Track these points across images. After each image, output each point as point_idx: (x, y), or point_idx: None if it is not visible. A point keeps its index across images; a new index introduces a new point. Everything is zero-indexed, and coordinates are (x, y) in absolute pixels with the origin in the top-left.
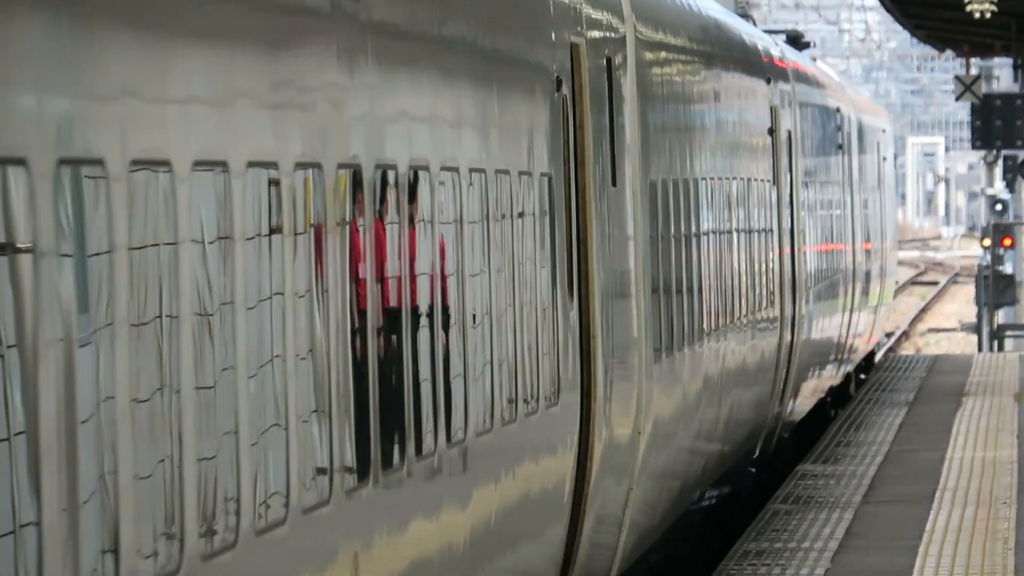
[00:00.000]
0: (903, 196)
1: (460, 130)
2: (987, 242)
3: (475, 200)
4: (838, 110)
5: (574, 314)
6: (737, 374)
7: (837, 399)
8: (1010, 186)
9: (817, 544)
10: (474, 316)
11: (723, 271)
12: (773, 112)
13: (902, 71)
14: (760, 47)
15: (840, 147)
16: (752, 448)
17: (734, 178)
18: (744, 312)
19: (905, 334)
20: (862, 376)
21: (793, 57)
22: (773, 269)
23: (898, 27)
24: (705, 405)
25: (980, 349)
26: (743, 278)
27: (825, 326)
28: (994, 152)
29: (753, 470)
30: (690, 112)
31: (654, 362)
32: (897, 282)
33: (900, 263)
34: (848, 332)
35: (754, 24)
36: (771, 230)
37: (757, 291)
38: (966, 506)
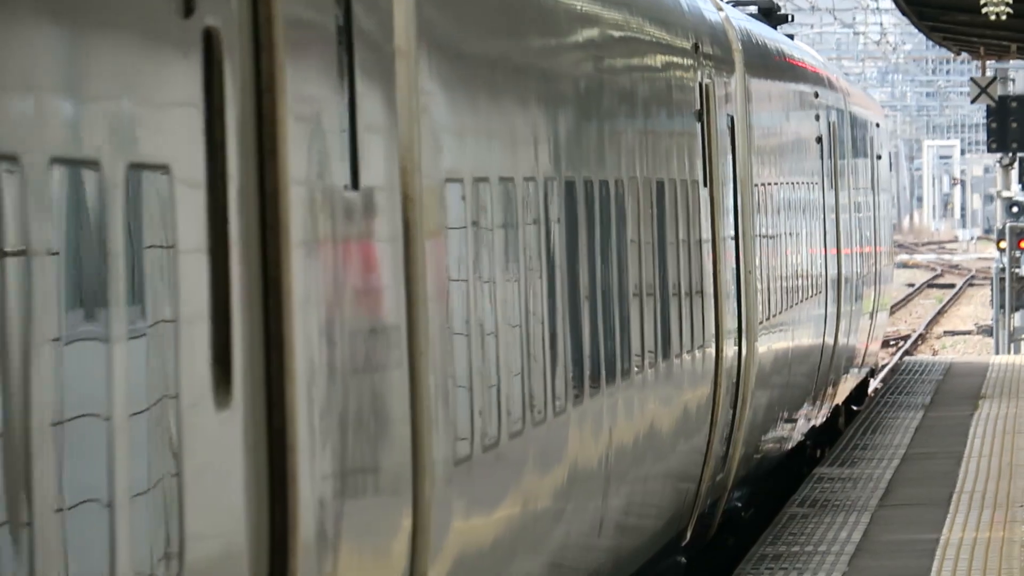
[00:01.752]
0: (919, 199)
1: None
2: (1003, 245)
3: None
4: (816, 95)
5: (236, 416)
6: (642, 445)
7: (821, 438)
8: None
9: (834, 548)
10: None
11: (613, 303)
12: (704, 92)
13: (918, 74)
14: (684, 2)
15: (818, 140)
16: (680, 533)
17: (631, 177)
18: (653, 355)
19: (921, 337)
20: (854, 407)
21: (748, 26)
22: (704, 291)
23: (913, 30)
24: (576, 503)
25: (997, 352)
26: (650, 308)
27: (794, 355)
28: (1010, 154)
29: (683, 560)
30: (547, 81)
31: (457, 463)
32: (912, 285)
33: (916, 266)
34: (830, 358)
35: None
36: (703, 240)
37: (676, 321)
38: (983, 509)
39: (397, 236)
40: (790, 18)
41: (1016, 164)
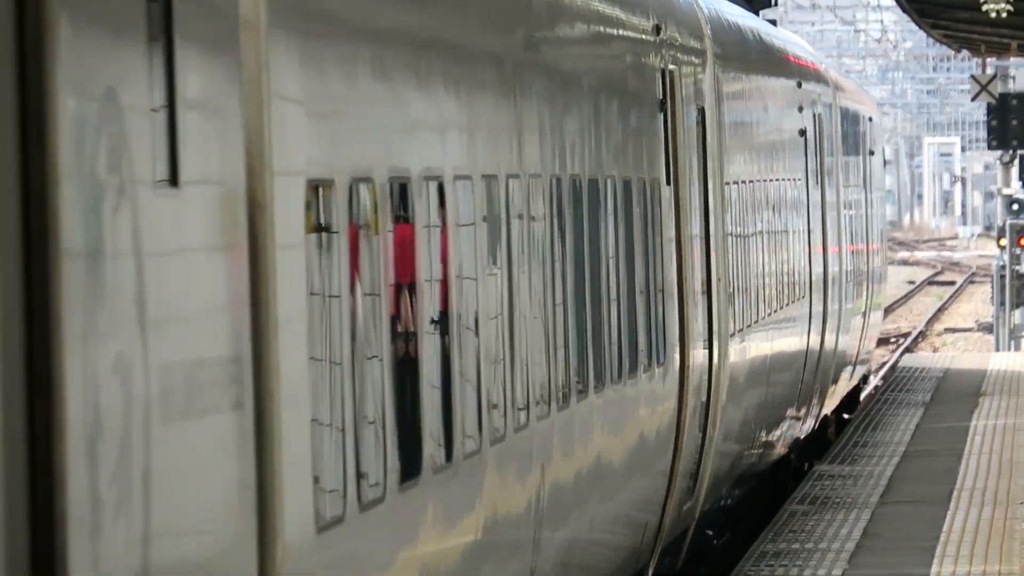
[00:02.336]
0: (920, 196)
1: None
2: (1004, 242)
3: None
4: (799, 85)
5: None
6: (585, 482)
7: (809, 448)
8: None
9: (834, 545)
10: None
11: (547, 316)
12: (667, 79)
13: (918, 71)
14: None
15: (802, 133)
16: (640, 571)
17: (572, 175)
18: (600, 375)
19: (922, 334)
20: (846, 416)
21: (721, 9)
22: (667, 297)
23: (914, 27)
24: (495, 560)
25: (997, 349)
26: (596, 319)
27: (774, 363)
28: (1010, 152)
29: None
30: (460, 61)
31: (321, 528)
32: (913, 282)
33: (917, 263)
34: (816, 364)
35: None
36: (665, 243)
37: (628, 334)
38: (983, 506)
39: (239, 246)
40: (774, 2)
41: (1016, 161)
